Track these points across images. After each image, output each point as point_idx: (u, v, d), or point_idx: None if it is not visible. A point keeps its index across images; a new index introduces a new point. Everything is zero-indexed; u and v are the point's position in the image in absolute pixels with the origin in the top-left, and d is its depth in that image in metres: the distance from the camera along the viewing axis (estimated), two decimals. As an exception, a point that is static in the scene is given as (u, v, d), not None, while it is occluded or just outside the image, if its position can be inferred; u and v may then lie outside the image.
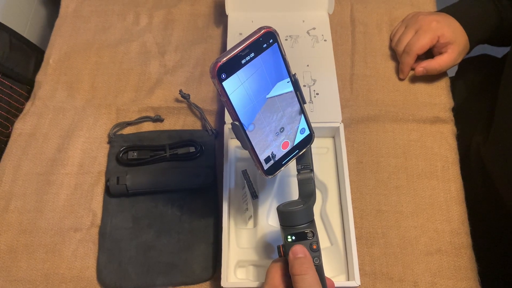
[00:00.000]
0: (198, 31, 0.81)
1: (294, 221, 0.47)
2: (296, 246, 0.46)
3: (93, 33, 0.81)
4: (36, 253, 0.62)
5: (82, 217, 0.65)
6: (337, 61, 0.76)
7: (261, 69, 0.43)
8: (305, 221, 0.47)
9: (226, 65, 0.41)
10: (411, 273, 0.61)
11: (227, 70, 0.41)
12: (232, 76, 0.41)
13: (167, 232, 0.63)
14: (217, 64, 0.40)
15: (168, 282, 0.60)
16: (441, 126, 0.71)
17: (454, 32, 0.69)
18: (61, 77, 0.76)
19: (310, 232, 0.47)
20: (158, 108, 0.72)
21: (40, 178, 0.67)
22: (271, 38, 0.43)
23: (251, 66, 0.42)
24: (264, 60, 0.43)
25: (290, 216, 0.47)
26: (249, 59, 0.42)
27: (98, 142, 0.70)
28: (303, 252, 0.45)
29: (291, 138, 0.49)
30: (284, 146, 0.49)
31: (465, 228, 0.64)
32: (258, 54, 0.42)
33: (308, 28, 0.75)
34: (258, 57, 0.42)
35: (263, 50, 0.43)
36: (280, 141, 0.48)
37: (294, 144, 0.49)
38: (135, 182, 0.64)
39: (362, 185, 0.67)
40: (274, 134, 0.47)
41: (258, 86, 0.44)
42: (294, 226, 0.47)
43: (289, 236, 0.47)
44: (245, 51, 0.41)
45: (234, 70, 0.41)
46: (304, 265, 0.44)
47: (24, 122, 0.72)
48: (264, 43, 0.43)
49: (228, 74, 0.41)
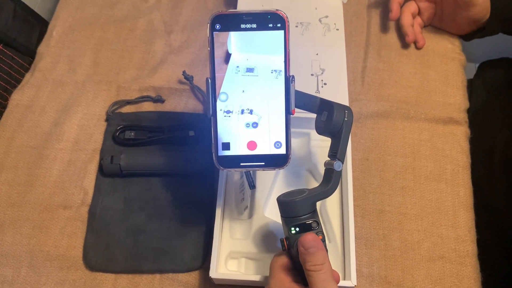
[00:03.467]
0: (207, 12, 0.78)
1: (297, 211, 0.44)
2: (307, 236, 0.42)
3: (100, 8, 0.78)
4: (23, 228, 0.61)
5: (73, 195, 0.63)
6: (350, 53, 0.72)
7: (257, 46, 0.42)
8: (308, 211, 0.45)
9: (224, 18, 0.41)
10: (411, 278, 0.58)
11: (223, 24, 0.41)
12: (225, 32, 0.41)
13: (159, 217, 0.61)
14: (217, 13, 0.41)
15: (155, 268, 0.58)
16: (454, 128, 0.67)
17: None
18: (64, 50, 0.74)
19: (314, 222, 0.44)
20: (159, 88, 0.70)
21: (34, 152, 0.65)
22: (280, 23, 0.42)
23: (247, 35, 0.42)
24: (263, 38, 0.42)
25: (292, 206, 0.44)
26: (249, 27, 0.41)
27: (95, 119, 0.68)
28: (316, 243, 0.42)
29: (261, 142, 0.44)
30: (250, 146, 0.45)
31: (471, 236, 0.60)
32: (260, 29, 0.41)
33: (320, 16, 0.72)
34: (258, 32, 0.41)
35: (267, 29, 0.41)
36: (247, 137, 0.44)
37: (261, 153, 0.45)
38: (129, 162, 0.62)
39: (366, 183, 0.64)
40: (243, 124, 0.44)
41: (246, 61, 0.42)
42: (297, 217, 0.44)
43: (292, 228, 0.44)
44: (248, 16, 0.41)
45: (229, 27, 0.41)
46: (319, 259, 0.42)
47: (22, 93, 0.70)
48: (270, 23, 0.41)
49: (222, 27, 0.41)
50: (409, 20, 0.71)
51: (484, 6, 0.66)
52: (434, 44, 0.74)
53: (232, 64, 0.42)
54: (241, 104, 0.44)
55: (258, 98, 0.44)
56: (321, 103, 0.49)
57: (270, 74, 0.43)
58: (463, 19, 0.69)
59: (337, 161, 0.46)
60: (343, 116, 0.47)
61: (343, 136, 0.47)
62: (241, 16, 0.41)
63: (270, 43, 0.42)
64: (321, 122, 0.49)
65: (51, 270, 0.58)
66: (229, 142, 0.44)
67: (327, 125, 0.47)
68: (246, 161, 0.45)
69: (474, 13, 0.66)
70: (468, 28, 0.71)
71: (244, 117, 0.44)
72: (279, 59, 0.43)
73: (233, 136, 0.44)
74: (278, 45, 0.42)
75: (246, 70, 0.43)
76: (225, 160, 0.45)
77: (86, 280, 0.58)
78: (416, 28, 0.72)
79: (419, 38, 0.72)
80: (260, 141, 0.45)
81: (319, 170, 0.62)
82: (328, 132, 0.48)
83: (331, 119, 0.47)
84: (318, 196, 0.46)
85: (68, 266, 0.58)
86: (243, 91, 0.43)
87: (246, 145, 0.45)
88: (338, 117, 0.47)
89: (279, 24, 0.42)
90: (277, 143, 0.45)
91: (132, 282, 0.58)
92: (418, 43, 0.73)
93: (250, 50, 0.42)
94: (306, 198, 0.45)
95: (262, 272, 0.56)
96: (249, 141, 0.45)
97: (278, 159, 0.45)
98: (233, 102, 0.43)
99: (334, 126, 0.47)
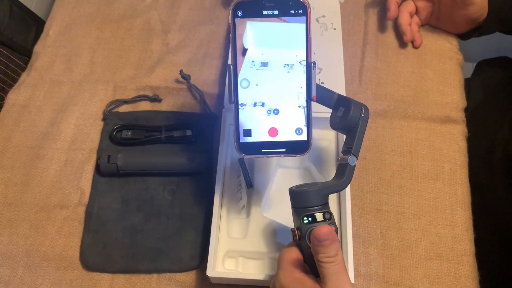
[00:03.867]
0: (204, 12, 0.77)
1: (310, 202, 0.44)
2: (322, 227, 0.41)
3: (96, 7, 0.78)
4: (19, 228, 0.60)
5: (70, 194, 0.62)
6: (347, 52, 0.72)
7: (279, 32, 0.42)
8: (321, 202, 0.44)
9: (247, 4, 0.41)
10: (409, 277, 0.58)
11: (246, 10, 0.42)
12: (247, 19, 0.42)
13: (156, 216, 0.61)
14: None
15: (153, 268, 0.58)
16: (452, 127, 0.67)
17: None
18: (60, 49, 0.74)
19: (327, 213, 0.44)
20: (157, 88, 0.70)
21: (30, 151, 0.65)
22: (301, 9, 0.42)
23: (269, 22, 0.42)
24: (285, 25, 0.42)
25: (306, 196, 0.44)
26: (271, 14, 0.42)
27: (92, 118, 0.68)
28: (331, 235, 0.41)
29: (282, 129, 0.45)
30: (271, 132, 0.45)
31: (469, 235, 0.60)
32: (282, 15, 0.42)
33: (317, 15, 0.72)
34: (280, 19, 0.42)
35: (289, 15, 0.42)
36: (269, 123, 0.44)
37: (283, 139, 0.45)
38: (126, 162, 0.62)
39: (363, 182, 0.63)
40: (265, 110, 0.44)
41: (268, 47, 0.43)
42: (309, 207, 0.44)
43: (305, 218, 0.44)
44: (270, 2, 0.41)
45: (251, 15, 0.42)
46: (332, 251, 0.41)
47: (18, 92, 0.70)
48: (292, 9, 0.42)
49: (244, 14, 0.42)
50: (407, 19, 0.71)
51: (482, 5, 0.66)
52: (431, 43, 0.74)
53: (251, 51, 0.43)
54: (261, 92, 0.44)
55: (277, 86, 0.44)
56: (338, 98, 0.49)
57: (291, 60, 0.44)
58: (461, 18, 0.69)
59: (351, 156, 0.46)
60: (360, 112, 0.47)
61: (358, 132, 0.47)
62: (263, 2, 0.41)
63: (291, 30, 0.42)
64: (337, 117, 0.49)
65: (48, 270, 0.58)
66: (251, 128, 0.44)
67: (343, 120, 0.48)
68: (267, 147, 0.45)
69: (472, 12, 0.66)
70: (465, 27, 0.71)
71: (265, 104, 0.44)
72: (301, 46, 0.43)
73: (255, 122, 0.44)
74: (299, 32, 0.43)
75: (261, 65, 0.44)
76: (247, 147, 0.45)
77: (83, 280, 0.57)
78: (414, 27, 0.72)
79: (417, 37, 0.72)
80: (281, 128, 0.45)
81: (317, 169, 0.62)
82: (343, 127, 0.48)
83: (348, 115, 0.47)
84: (332, 189, 0.46)
85: (65, 266, 0.58)
86: (258, 84, 0.44)
87: (267, 132, 0.45)
88: (355, 113, 0.47)
89: (300, 10, 0.42)
90: (298, 130, 0.45)
91: (129, 282, 0.57)
92: (416, 42, 0.73)
93: (270, 37, 0.43)
94: (319, 189, 0.45)
95: (259, 271, 0.56)
96: (270, 127, 0.45)
97: (299, 146, 0.45)
98: (254, 90, 0.44)
99: (350, 121, 0.47)
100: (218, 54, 0.73)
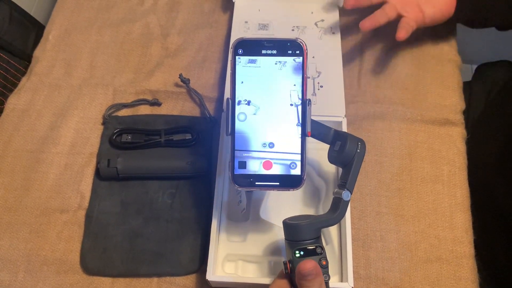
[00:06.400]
0: (203, 16, 0.78)
1: (302, 235, 0.45)
2: (306, 263, 0.42)
3: (96, 11, 0.78)
4: (20, 232, 0.60)
5: (70, 199, 0.62)
6: (346, 55, 0.73)
7: (276, 70, 0.45)
8: (313, 236, 0.45)
9: (247, 43, 0.44)
10: (408, 280, 0.58)
11: (246, 49, 0.44)
12: (247, 57, 0.44)
13: (156, 220, 0.61)
14: (240, 39, 0.44)
15: (153, 272, 0.58)
16: (451, 129, 0.67)
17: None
18: (60, 54, 0.74)
19: (318, 248, 0.45)
20: (156, 92, 0.70)
21: (30, 156, 0.65)
22: (298, 50, 0.44)
23: (268, 60, 0.44)
24: (282, 64, 0.44)
25: (298, 230, 0.45)
26: (270, 53, 0.44)
27: (92, 122, 0.68)
28: (315, 269, 0.42)
29: (276, 162, 0.45)
30: (265, 165, 0.45)
31: (468, 237, 0.60)
32: (279, 54, 0.44)
33: (316, 19, 0.72)
34: (278, 57, 0.44)
35: (286, 55, 0.44)
36: (263, 157, 0.45)
37: (277, 173, 0.45)
38: (126, 166, 0.62)
39: (362, 185, 0.64)
40: (260, 143, 0.45)
41: (266, 84, 0.45)
42: (301, 241, 0.45)
43: (297, 252, 0.44)
44: (269, 43, 0.44)
45: (251, 53, 0.44)
46: (315, 285, 0.42)
47: (18, 97, 0.70)
48: (289, 49, 0.44)
49: (244, 52, 0.44)
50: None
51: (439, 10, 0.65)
52: (430, 46, 0.74)
53: (249, 86, 0.46)
54: (257, 126, 0.46)
55: (274, 121, 0.46)
56: (334, 133, 0.50)
57: (288, 97, 0.46)
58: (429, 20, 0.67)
59: (345, 191, 0.47)
60: (356, 147, 0.48)
61: (353, 167, 0.48)
62: (262, 43, 0.44)
63: (288, 69, 0.45)
64: (334, 151, 0.50)
65: (48, 275, 0.58)
66: (246, 161, 0.45)
67: (340, 154, 0.49)
68: (261, 180, 0.45)
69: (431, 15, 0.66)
70: (440, 19, 0.68)
71: (260, 138, 0.46)
72: (297, 85, 0.45)
73: (250, 156, 0.45)
74: (297, 72, 0.45)
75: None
76: (240, 178, 0.45)
77: (83, 284, 0.57)
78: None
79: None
80: (275, 161, 0.45)
81: (314, 174, 0.62)
82: (340, 162, 0.49)
83: (344, 149, 0.48)
84: (324, 223, 0.47)
85: (65, 270, 0.58)
86: (254, 118, 0.46)
87: (262, 165, 0.45)
88: (351, 148, 0.48)
89: (297, 51, 0.44)
90: (292, 164, 0.46)
91: (130, 286, 0.58)
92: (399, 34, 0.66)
93: (268, 74, 0.45)
94: (311, 223, 0.45)
95: (259, 275, 0.56)
96: (265, 160, 0.45)
97: (293, 180, 0.46)
98: (250, 123, 0.45)
99: (346, 156, 0.48)
100: (217, 58, 0.73)
